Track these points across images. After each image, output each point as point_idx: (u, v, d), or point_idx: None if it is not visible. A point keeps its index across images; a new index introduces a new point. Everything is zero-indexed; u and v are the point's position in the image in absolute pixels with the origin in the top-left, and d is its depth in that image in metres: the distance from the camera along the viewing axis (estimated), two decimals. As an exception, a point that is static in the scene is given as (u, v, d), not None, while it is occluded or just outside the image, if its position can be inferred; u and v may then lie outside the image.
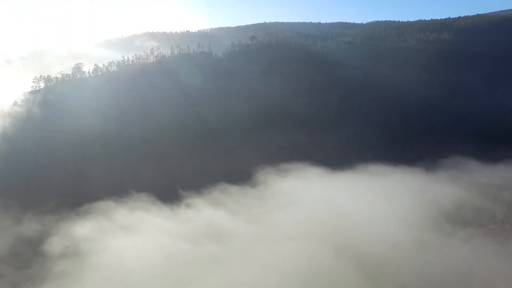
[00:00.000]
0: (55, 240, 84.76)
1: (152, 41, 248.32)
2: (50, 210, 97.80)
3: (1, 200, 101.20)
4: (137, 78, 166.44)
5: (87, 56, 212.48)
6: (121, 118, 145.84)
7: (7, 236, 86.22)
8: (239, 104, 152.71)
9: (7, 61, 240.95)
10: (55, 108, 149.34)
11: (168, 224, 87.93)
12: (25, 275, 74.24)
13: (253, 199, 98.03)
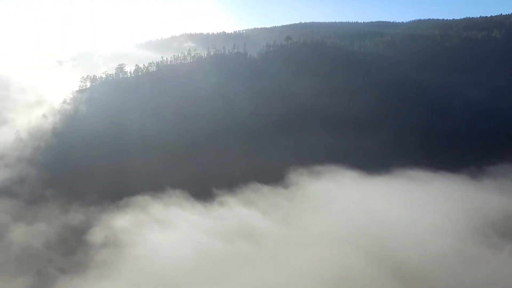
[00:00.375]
0: (97, 231, 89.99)
1: (190, 42, 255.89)
2: (93, 202, 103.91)
3: (51, 191, 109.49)
4: (174, 78, 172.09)
5: (129, 57, 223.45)
6: (159, 116, 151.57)
7: (56, 224, 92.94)
8: (272, 104, 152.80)
9: (59, 61, 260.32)
10: (99, 106, 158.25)
11: (201, 220, 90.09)
12: (71, 261, 79.59)
13: (284, 200, 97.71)
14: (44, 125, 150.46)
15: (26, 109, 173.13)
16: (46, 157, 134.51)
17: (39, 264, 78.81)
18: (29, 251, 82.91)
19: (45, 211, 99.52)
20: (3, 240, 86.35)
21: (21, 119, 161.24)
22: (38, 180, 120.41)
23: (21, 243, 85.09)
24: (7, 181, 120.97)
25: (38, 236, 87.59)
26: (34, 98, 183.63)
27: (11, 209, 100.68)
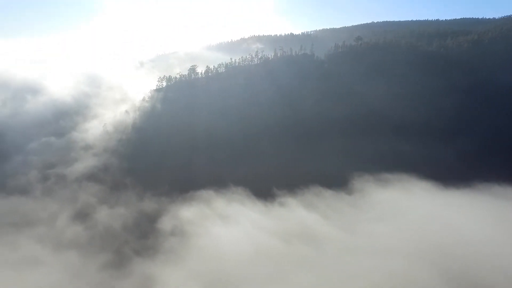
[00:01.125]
0: (166, 219, 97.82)
1: (258, 44, 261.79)
2: (164, 193, 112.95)
3: (130, 180, 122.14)
4: (241, 79, 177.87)
5: (201, 58, 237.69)
6: (225, 115, 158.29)
7: (133, 210, 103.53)
8: (339, 106, 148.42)
9: (140, 63, 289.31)
10: (172, 104, 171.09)
11: (261, 219, 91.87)
12: (143, 245, 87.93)
13: (347, 206, 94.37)
14: (126, 120, 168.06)
15: (112, 105, 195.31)
16: (126, 149, 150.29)
17: (117, 243, 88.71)
18: (110, 231, 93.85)
19: (124, 197, 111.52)
20: (90, 220, 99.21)
21: (108, 114, 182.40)
22: (119, 169, 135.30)
23: (104, 223, 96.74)
24: (95, 168, 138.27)
25: (118, 218, 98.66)
26: (119, 96, 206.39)
27: (97, 193, 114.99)
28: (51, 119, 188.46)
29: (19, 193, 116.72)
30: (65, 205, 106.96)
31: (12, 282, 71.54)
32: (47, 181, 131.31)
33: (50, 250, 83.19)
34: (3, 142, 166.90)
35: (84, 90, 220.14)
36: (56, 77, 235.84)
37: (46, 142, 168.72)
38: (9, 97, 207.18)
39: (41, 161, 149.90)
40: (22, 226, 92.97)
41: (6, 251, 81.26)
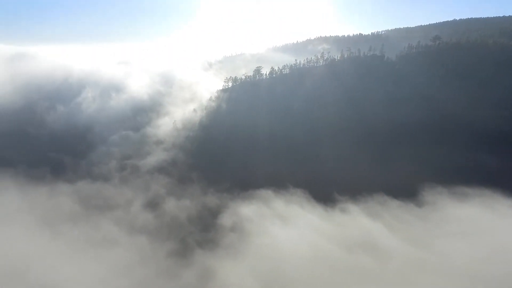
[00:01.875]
0: (227, 215, 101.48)
1: (324, 45, 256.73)
2: (226, 189, 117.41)
3: (195, 175, 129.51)
4: (306, 81, 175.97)
5: (267, 60, 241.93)
6: (288, 117, 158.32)
7: (197, 203, 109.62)
8: (411, 111, 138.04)
9: (209, 64, 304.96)
10: (237, 104, 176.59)
11: (321, 224, 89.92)
12: (205, 238, 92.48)
13: (416, 219, 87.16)
14: (194, 118, 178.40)
15: (182, 104, 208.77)
16: (192, 145, 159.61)
17: (182, 233, 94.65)
18: (176, 221, 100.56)
19: (190, 190, 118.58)
20: (159, 209, 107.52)
21: (178, 112, 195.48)
22: (185, 164, 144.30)
23: (171, 214, 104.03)
24: (164, 162, 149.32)
25: (183, 210, 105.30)
26: (189, 95, 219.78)
27: (166, 185, 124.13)
28: (130, 115, 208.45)
29: (102, 180, 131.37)
30: (138, 194, 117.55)
31: (94, 258, 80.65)
32: (124, 170, 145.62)
33: (125, 233, 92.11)
34: (91, 133, 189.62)
35: (158, 89, 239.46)
36: (136, 77, 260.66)
37: (124, 136, 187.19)
38: (98, 94, 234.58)
39: (120, 152, 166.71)
40: (104, 209, 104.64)
41: (91, 230, 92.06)
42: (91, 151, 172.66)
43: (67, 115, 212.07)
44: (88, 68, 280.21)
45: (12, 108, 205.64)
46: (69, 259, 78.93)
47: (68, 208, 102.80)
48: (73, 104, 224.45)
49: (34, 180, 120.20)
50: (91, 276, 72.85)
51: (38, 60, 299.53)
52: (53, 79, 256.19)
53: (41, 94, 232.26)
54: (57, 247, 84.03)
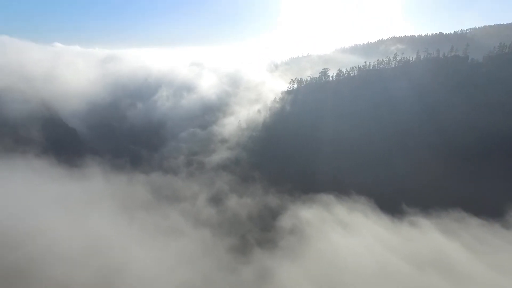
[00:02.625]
0: (287, 217, 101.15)
1: (398, 45, 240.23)
2: (287, 191, 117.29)
3: (257, 174, 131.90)
4: (375, 83, 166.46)
5: (334, 61, 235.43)
6: (354, 120, 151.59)
7: (258, 202, 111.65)
8: (500, 119, 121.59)
9: (275, 65, 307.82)
10: (301, 106, 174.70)
11: (386, 235, 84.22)
12: (265, 237, 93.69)
13: (503, 242, 76.23)
14: (258, 118, 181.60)
15: (247, 104, 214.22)
16: (256, 145, 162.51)
17: (242, 230, 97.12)
18: (237, 218, 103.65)
19: (252, 189, 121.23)
20: (222, 205, 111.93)
21: (243, 112, 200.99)
22: (248, 163, 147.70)
23: (233, 210, 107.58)
24: (227, 160, 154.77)
25: (244, 208, 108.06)
26: (254, 96, 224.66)
27: (229, 182, 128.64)
28: (198, 113, 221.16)
29: (172, 173, 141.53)
30: (203, 188, 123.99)
31: (161, 245, 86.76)
32: (190, 166, 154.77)
33: (190, 224, 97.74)
34: (164, 129, 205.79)
35: (226, 90, 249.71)
36: (206, 78, 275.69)
37: (192, 133, 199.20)
38: (171, 93, 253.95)
39: (187, 148, 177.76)
40: (172, 200, 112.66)
41: (160, 219, 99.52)
42: (163, 146, 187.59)
43: (145, 112, 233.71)
44: (165, 69, 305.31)
45: (102, 104, 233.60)
46: (140, 243, 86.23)
47: (142, 196, 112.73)
48: (150, 101, 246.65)
49: (116, 168, 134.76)
50: (158, 260, 78.41)
51: (125, 62, 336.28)
52: (135, 79, 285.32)
53: (125, 92, 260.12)
54: (131, 231, 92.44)
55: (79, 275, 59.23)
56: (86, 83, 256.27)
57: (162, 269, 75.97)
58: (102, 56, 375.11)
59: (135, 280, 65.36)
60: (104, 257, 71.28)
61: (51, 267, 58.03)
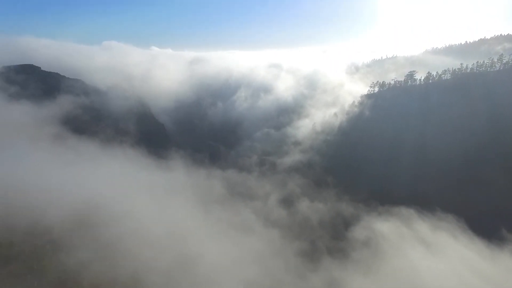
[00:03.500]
0: (360, 227, 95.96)
1: (505, 44, 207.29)
2: (362, 200, 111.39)
3: (331, 179, 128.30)
4: (473, 89, 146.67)
5: (423, 63, 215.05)
6: (444, 129, 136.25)
7: (330, 208, 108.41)
8: None
9: (355, 67, 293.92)
10: (382, 112, 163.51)
11: (480, 263, 73.55)
12: (335, 246, 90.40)
13: None
14: (334, 122, 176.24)
15: (323, 107, 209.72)
16: (330, 149, 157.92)
17: (312, 236, 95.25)
18: (307, 222, 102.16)
19: (324, 194, 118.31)
20: (293, 207, 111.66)
21: (318, 115, 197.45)
22: (321, 167, 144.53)
23: (303, 214, 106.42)
24: (300, 163, 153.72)
25: (316, 212, 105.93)
26: (331, 99, 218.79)
27: (301, 185, 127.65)
28: (274, 114, 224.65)
29: (246, 171, 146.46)
30: (275, 189, 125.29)
31: (233, 240, 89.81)
32: (263, 166, 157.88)
33: (261, 223, 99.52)
34: (240, 129, 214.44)
35: (302, 92, 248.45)
36: (284, 80, 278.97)
37: (266, 133, 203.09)
38: (249, 94, 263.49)
39: (261, 149, 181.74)
40: (245, 197, 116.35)
41: (232, 215, 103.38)
42: (238, 144, 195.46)
43: (224, 111, 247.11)
44: (245, 71, 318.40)
45: (187, 102, 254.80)
46: (213, 235, 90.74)
47: (218, 191, 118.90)
48: (229, 101, 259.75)
49: (196, 162, 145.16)
50: (229, 255, 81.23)
51: (209, 64, 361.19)
52: (218, 80, 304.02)
53: (208, 92, 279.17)
54: (206, 223, 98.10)
55: (159, 259, 63.95)
56: (175, 83, 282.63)
57: (233, 264, 78.61)
58: (190, 58, 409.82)
59: (207, 270, 68.79)
60: (181, 245, 76.30)
61: (137, 247, 63.77)
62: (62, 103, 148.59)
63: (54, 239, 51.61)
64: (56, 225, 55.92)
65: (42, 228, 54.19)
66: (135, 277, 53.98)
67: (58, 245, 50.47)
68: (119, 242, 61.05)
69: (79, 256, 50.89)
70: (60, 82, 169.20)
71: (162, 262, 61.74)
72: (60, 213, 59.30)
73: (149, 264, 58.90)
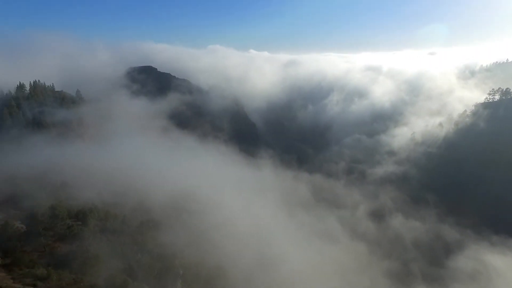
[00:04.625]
0: (466, 256, 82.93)
1: None
2: (469, 225, 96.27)
3: (432, 197, 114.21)
4: None
5: None
6: None
7: (428, 229, 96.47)
8: None
9: (470, 72, 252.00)
10: (503, 124, 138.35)
11: None
12: (433, 272, 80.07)
13: None
14: (438, 133, 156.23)
15: (426, 115, 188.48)
16: (431, 163, 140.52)
17: (405, 256, 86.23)
18: (400, 241, 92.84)
19: (422, 213, 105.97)
20: (383, 222, 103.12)
21: (419, 124, 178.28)
22: (419, 182, 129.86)
23: (395, 230, 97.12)
24: (393, 175, 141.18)
25: (410, 231, 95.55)
26: (436, 107, 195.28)
27: (394, 199, 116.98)
28: (367, 120, 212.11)
29: (333, 177, 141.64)
30: (364, 200, 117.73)
31: (314, 248, 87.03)
32: (351, 173, 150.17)
33: (347, 234, 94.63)
34: (329, 133, 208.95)
35: (402, 97, 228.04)
36: (382, 84, 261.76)
37: (357, 139, 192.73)
38: (342, 98, 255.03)
39: (350, 155, 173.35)
40: (331, 204, 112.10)
41: (316, 221, 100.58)
42: (325, 149, 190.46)
43: (314, 114, 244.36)
44: (339, 74, 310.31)
45: (278, 104, 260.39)
46: (294, 239, 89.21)
47: (303, 195, 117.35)
48: (320, 104, 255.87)
49: (284, 163, 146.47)
50: (309, 262, 78.79)
51: (303, 66, 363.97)
52: (310, 82, 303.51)
53: (299, 94, 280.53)
54: (288, 225, 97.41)
55: (241, 254, 65.70)
56: (268, 85, 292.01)
57: (313, 272, 76.29)
58: (285, 61, 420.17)
59: (287, 275, 67.96)
60: (262, 244, 77.05)
61: (223, 239, 66.89)
62: (170, 100, 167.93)
63: (154, 219, 58.01)
64: (156, 206, 62.53)
65: (145, 208, 61.26)
66: (219, 266, 56.72)
67: (157, 225, 56.62)
68: (208, 230, 64.79)
69: (173, 237, 56.10)
70: (171, 81, 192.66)
71: (244, 257, 63.36)
72: (160, 197, 66.20)
73: (232, 257, 61.05)
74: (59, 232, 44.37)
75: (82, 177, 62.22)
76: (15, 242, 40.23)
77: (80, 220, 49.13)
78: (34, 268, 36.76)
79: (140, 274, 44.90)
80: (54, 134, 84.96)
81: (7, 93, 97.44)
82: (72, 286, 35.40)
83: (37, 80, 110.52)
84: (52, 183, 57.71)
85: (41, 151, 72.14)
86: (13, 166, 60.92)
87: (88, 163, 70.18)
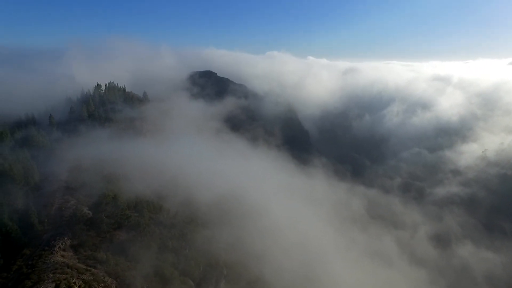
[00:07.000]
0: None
1: None
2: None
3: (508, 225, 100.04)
4: None
5: None
6: None
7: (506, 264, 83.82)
8: None
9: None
10: None
11: None
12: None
13: None
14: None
15: (502, 132, 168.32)
16: (505, 186, 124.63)
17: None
18: (469, 273, 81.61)
19: (497, 243, 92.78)
20: (448, 248, 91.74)
21: (493, 141, 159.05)
22: (492, 207, 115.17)
23: (463, 260, 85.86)
24: (456, 196, 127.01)
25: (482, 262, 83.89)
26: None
27: (462, 224, 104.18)
28: (430, 134, 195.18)
29: (389, 193, 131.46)
30: (426, 221, 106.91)
31: (367, 268, 79.62)
32: (407, 191, 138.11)
33: (405, 258, 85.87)
34: (385, 146, 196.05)
35: (473, 111, 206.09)
36: (449, 96, 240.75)
37: (417, 154, 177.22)
38: (403, 109, 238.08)
39: (407, 171, 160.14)
40: (388, 223, 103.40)
41: (370, 239, 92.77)
42: (381, 162, 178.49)
43: (370, 124, 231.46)
44: (402, 83, 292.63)
45: (333, 112, 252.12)
46: (343, 256, 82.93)
47: (357, 210, 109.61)
48: (378, 115, 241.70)
49: (338, 174, 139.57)
50: (358, 283, 72.10)
51: (362, 74, 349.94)
52: (369, 91, 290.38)
53: (356, 103, 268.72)
54: (338, 240, 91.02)
55: (285, 262, 62.46)
56: (325, 92, 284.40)
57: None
58: (343, 68, 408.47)
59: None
60: (308, 256, 72.20)
61: (269, 246, 63.92)
62: (226, 103, 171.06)
63: (202, 216, 58.00)
64: (203, 205, 62.30)
65: (193, 205, 61.37)
66: (262, 272, 54.78)
67: (205, 223, 56.46)
68: (253, 235, 62.82)
69: (219, 237, 55.43)
70: (228, 86, 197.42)
71: (287, 269, 60.41)
72: (208, 195, 65.82)
73: (275, 265, 58.61)
74: (118, 221, 46.71)
75: (140, 171, 64.56)
76: (82, 226, 43.70)
77: (138, 212, 51.11)
78: (96, 251, 39.79)
79: (186, 269, 45.40)
80: (119, 130, 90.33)
81: (87, 92, 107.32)
82: (126, 272, 37.89)
83: (112, 81, 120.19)
84: (115, 175, 60.71)
85: (107, 145, 76.73)
86: (85, 157, 65.46)
87: (146, 158, 72.81)
